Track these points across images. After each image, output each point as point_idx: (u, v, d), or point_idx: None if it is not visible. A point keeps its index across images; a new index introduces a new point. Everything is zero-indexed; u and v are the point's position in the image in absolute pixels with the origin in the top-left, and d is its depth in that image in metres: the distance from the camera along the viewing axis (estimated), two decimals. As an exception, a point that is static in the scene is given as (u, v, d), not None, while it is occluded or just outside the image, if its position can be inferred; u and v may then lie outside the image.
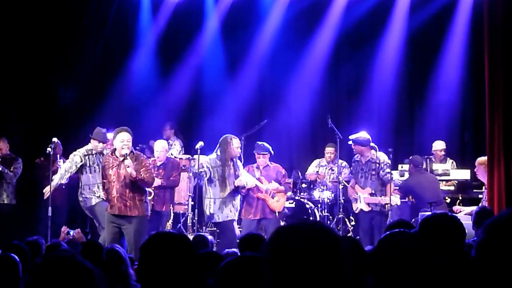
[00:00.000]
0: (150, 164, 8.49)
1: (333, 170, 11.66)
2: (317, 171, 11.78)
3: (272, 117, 12.50)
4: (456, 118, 12.69)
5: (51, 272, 2.41)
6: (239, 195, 9.45)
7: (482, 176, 9.27)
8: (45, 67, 12.03)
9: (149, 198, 9.71)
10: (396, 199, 9.94)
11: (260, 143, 10.18)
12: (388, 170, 10.07)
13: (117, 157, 8.18)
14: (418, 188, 10.19)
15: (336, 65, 13.18)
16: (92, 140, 9.52)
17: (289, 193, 11.09)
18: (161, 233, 3.13)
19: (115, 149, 8.24)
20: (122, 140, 8.12)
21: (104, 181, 8.33)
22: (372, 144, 10.20)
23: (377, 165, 10.05)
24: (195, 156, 9.78)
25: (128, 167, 8.02)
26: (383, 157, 10.14)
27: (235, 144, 9.36)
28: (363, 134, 10.23)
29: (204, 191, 9.45)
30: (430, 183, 10.39)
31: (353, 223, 11.27)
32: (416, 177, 10.44)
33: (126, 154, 8.08)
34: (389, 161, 10.20)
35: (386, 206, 9.94)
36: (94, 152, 9.50)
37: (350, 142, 10.24)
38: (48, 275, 2.41)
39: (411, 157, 10.76)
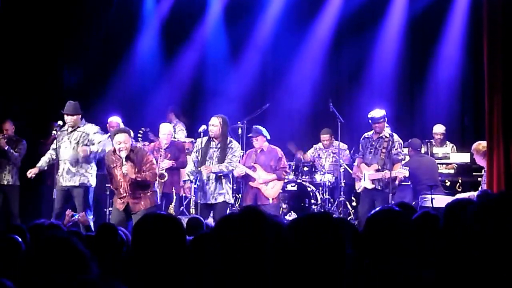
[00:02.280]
0: (152, 160, 8.41)
1: (334, 153, 11.69)
2: (319, 154, 11.84)
3: (274, 100, 12.56)
4: (456, 102, 12.74)
5: (44, 253, 2.50)
6: (226, 177, 9.22)
7: (479, 162, 9.38)
8: (49, 50, 12.06)
9: (163, 180, 9.81)
10: (404, 171, 9.70)
11: (254, 126, 10.20)
12: (400, 149, 9.94)
13: (120, 157, 8.14)
14: (416, 171, 10.18)
15: (337, 49, 13.22)
16: None
17: (291, 176, 11.15)
18: (149, 214, 3.17)
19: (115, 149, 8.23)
20: (119, 142, 8.08)
21: (112, 179, 8.36)
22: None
23: (390, 142, 9.81)
24: (198, 140, 9.87)
25: (126, 174, 8.05)
26: (396, 136, 9.98)
27: (210, 122, 9.27)
28: (379, 111, 10.01)
29: None
30: (428, 166, 10.44)
31: (354, 203, 11.36)
32: (415, 160, 10.51)
33: (125, 156, 8.07)
34: (402, 142, 10.10)
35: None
36: (64, 128, 9.24)
37: (370, 121, 9.97)
38: (41, 255, 2.50)
39: (410, 140, 10.83)
